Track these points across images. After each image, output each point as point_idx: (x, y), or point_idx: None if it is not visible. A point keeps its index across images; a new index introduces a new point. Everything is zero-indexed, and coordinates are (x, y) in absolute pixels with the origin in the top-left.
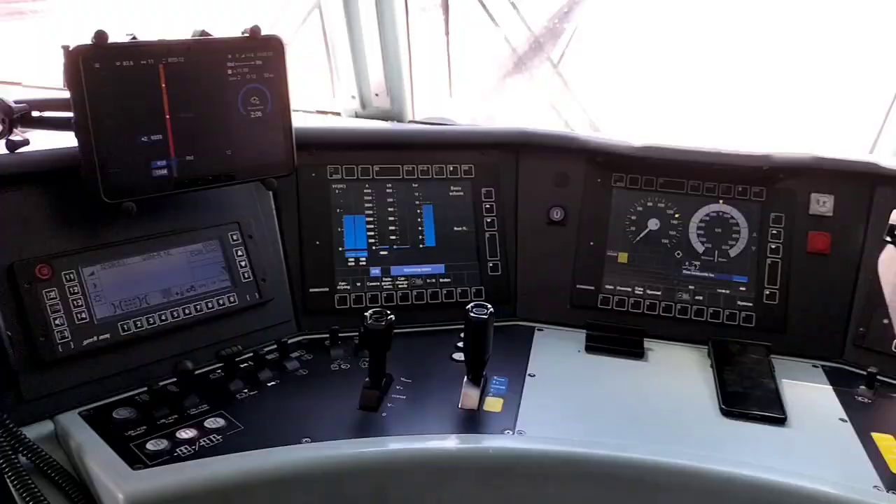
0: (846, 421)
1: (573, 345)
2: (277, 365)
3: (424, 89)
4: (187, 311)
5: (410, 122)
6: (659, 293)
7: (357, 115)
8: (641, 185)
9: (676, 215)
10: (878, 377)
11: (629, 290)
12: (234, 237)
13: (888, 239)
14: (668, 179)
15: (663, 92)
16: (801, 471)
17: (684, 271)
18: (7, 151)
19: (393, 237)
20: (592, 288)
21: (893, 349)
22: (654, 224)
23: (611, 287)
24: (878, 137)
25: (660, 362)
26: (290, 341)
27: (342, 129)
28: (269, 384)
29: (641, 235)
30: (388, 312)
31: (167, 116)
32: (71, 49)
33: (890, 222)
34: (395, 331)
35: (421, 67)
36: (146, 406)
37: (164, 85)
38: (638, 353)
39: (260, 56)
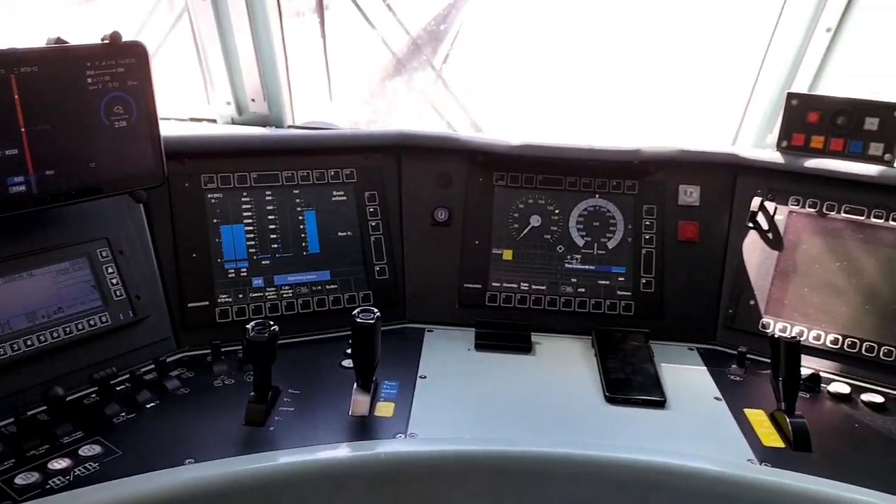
0: (721, 399)
1: (463, 344)
2: (156, 385)
3: (304, 94)
4: (55, 335)
5: (290, 127)
6: (543, 288)
7: (234, 122)
8: (522, 183)
9: (557, 211)
10: (748, 356)
11: (515, 286)
12: (104, 254)
13: (750, 225)
14: (546, 176)
15: (544, 91)
16: (682, 450)
17: (566, 265)
18: None
19: (275, 245)
20: (479, 286)
21: (760, 328)
22: (535, 220)
23: (497, 284)
24: (739, 129)
25: (547, 355)
26: (169, 359)
27: (215, 136)
28: (148, 406)
29: (524, 232)
30: (272, 323)
31: (22, 129)
32: None
33: (751, 209)
34: (282, 341)
35: (300, 72)
36: (13, 437)
37: (16, 96)
38: (526, 348)
39: (122, 63)
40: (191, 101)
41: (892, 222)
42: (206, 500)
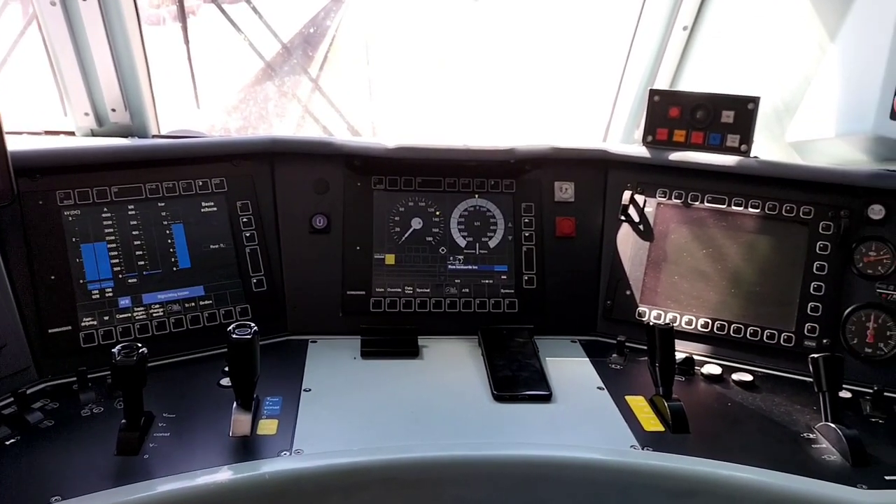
0: (603, 389)
1: (348, 352)
2: (16, 419)
3: (169, 102)
4: None
5: (154, 136)
6: (428, 290)
7: (93, 134)
8: (401, 186)
9: (437, 213)
10: (627, 344)
11: (399, 290)
12: None
13: (622, 218)
14: (425, 178)
15: (425, 94)
16: (569, 441)
17: (450, 266)
18: None
19: (142, 262)
20: (363, 293)
21: (637, 317)
22: (417, 223)
23: (381, 290)
24: (609, 126)
25: (434, 358)
26: (30, 391)
27: (69, 149)
28: (7, 442)
29: (406, 235)
30: (139, 345)
31: None
32: None
33: (622, 202)
34: (155, 363)
35: (163, 80)
36: None
37: None
38: (413, 352)
39: None
40: (47, 113)
41: (750, 209)
42: None
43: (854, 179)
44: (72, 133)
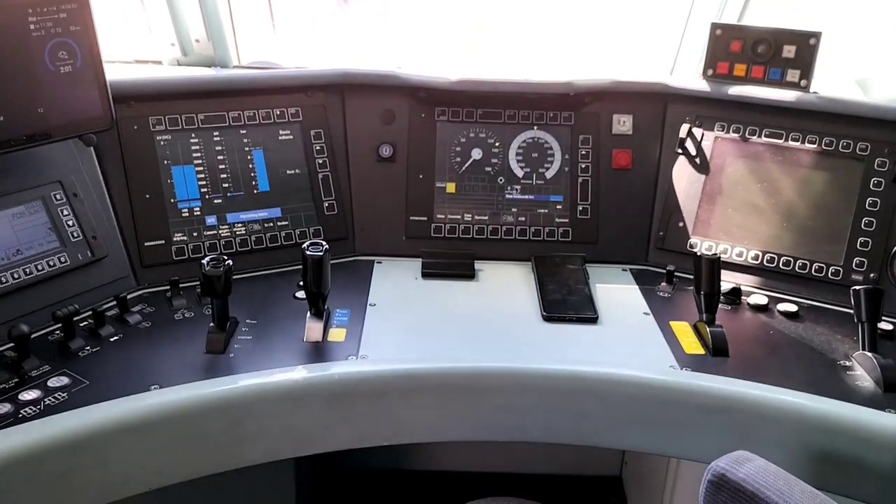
0: (649, 314)
1: (410, 273)
2: (119, 320)
3: (248, 29)
4: (16, 276)
5: (235, 67)
6: (486, 218)
7: (179, 63)
8: (463, 118)
9: (497, 144)
10: (676, 274)
11: (458, 217)
12: (58, 196)
13: (679, 151)
14: (486, 111)
15: (486, 26)
16: (611, 361)
17: (507, 195)
18: None
19: (226, 185)
20: (425, 218)
21: (688, 248)
22: (477, 154)
23: (442, 216)
24: (676, 60)
25: (489, 280)
26: (129, 296)
27: (160, 79)
28: (111, 339)
29: (466, 165)
30: (226, 258)
31: None
32: None
33: (680, 136)
34: (237, 276)
35: (242, 8)
36: None
37: None
38: (469, 275)
39: (63, 9)
40: (135, 43)
41: (807, 145)
42: (173, 422)
43: None
44: (159, 62)
